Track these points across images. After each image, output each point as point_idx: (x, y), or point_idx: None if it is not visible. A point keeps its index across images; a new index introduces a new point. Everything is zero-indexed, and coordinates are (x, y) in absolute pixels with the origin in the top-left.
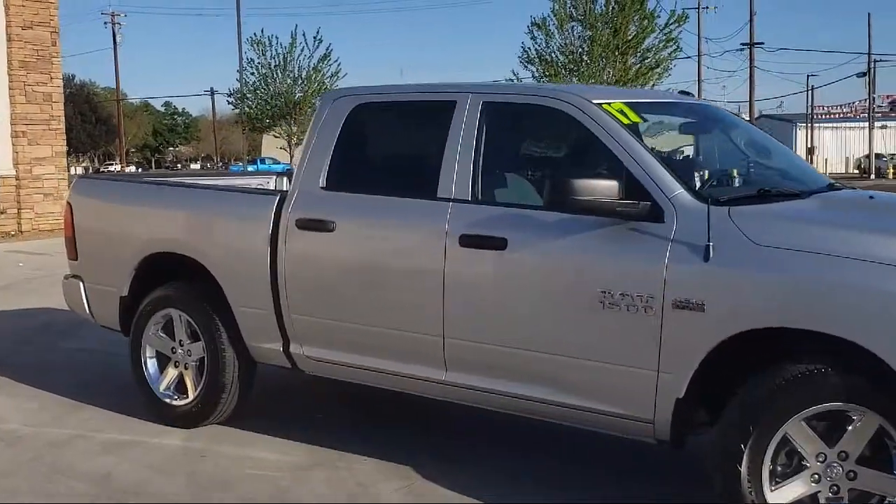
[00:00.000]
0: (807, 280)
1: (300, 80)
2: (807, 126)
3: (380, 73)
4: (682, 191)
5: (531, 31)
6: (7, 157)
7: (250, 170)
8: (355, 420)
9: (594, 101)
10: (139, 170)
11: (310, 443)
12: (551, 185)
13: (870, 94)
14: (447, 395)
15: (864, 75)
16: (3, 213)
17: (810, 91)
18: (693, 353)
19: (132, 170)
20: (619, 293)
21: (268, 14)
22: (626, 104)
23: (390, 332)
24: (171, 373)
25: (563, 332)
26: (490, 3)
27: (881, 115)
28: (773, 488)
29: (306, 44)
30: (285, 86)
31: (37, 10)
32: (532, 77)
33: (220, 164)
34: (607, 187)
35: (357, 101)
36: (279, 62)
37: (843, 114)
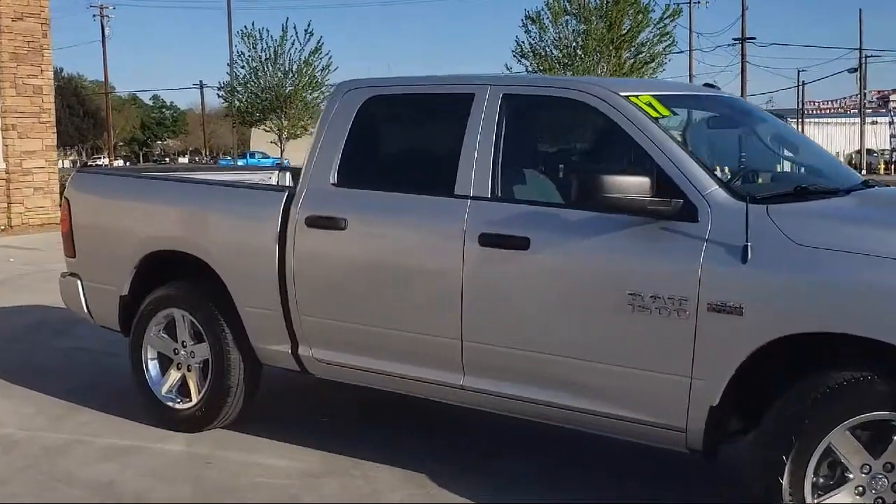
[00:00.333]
0: (852, 283)
1: (291, 74)
2: (797, 121)
3: (369, 66)
4: (716, 188)
5: (525, 25)
6: None
7: (240, 164)
8: (363, 423)
9: (621, 94)
10: (127, 164)
11: (320, 448)
12: (578, 182)
13: (861, 90)
14: (464, 400)
15: (855, 71)
16: None
17: (801, 86)
18: (729, 359)
19: (120, 164)
20: (650, 295)
21: (258, 8)
22: (655, 97)
23: (405, 335)
24: (173, 375)
25: (589, 335)
26: None
27: (871, 110)
28: (816, 501)
29: (297, 37)
30: (276, 79)
31: (27, 1)
32: (526, 71)
33: (209, 158)
34: (638, 184)
35: (369, 93)
36: (270, 55)
37: (833, 109)
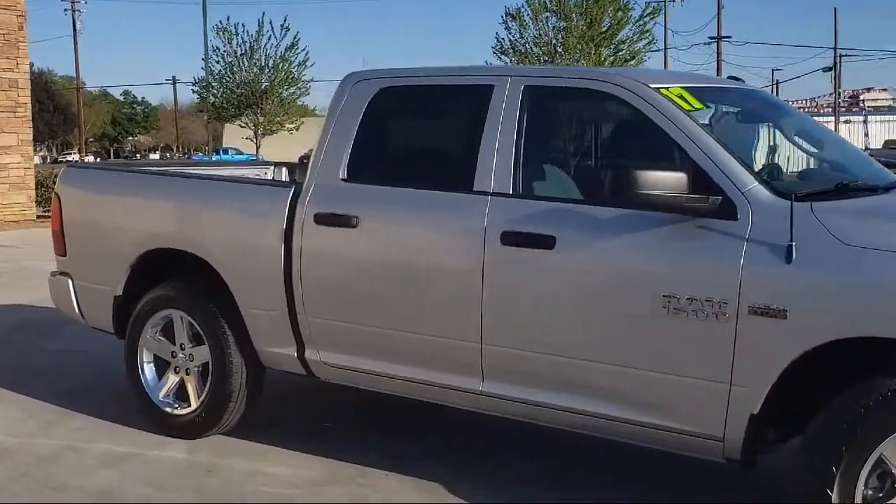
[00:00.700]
0: None
1: (267, 69)
2: None
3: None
4: (756, 185)
5: (505, 22)
6: None
7: (214, 159)
8: (365, 427)
9: (651, 85)
10: (97, 159)
11: (324, 455)
12: (609, 178)
13: (836, 89)
14: (483, 406)
15: (829, 70)
16: None
17: (775, 85)
18: (771, 365)
19: (90, 159)
20: (686, 298)
21: (234, 2)
22: (686, 89)
23: (420, 338)
24: (171, 379)
25: (620, 340)
26: None
27: (845, 109)
28: None
29: (273, 32)
30: (251, 75)
31: None
32: None
33: (181, 154)
34: (674, 180)
35: (381, 84)
36: (245, 50)
37: (807, 108)
